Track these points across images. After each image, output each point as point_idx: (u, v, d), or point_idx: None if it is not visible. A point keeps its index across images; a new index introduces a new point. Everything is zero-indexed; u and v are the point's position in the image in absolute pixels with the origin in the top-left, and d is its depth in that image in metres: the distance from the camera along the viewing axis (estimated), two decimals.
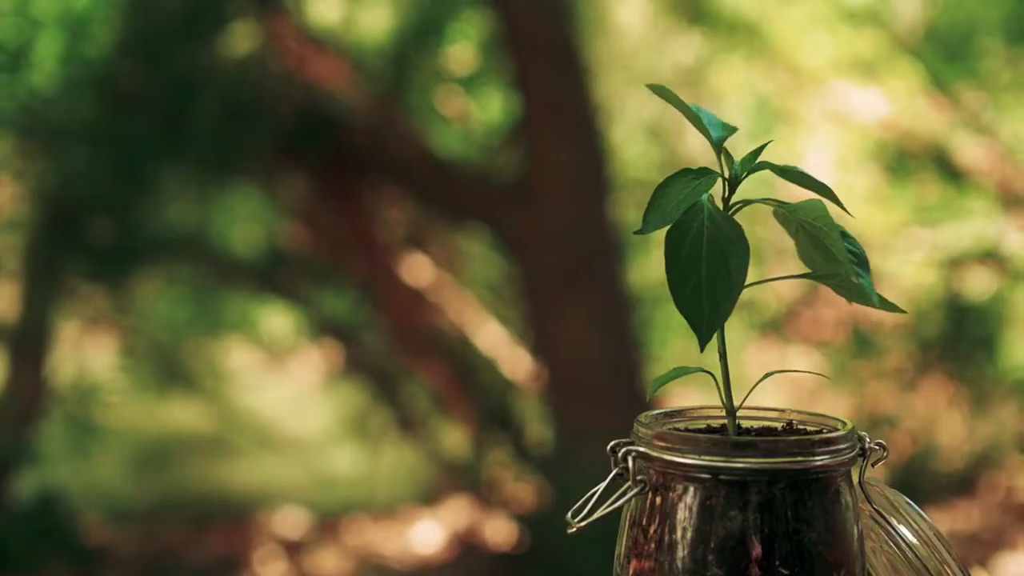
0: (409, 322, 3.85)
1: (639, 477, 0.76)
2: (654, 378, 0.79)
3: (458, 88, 3.99)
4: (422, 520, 4.00)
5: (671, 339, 4.16)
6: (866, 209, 3.88)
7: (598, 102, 3.69)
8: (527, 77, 3.61)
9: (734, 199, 0.77)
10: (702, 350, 0.78)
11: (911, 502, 0.78)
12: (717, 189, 0.77)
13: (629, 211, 3.89)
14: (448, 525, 3.95)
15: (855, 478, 0.77)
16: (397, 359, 3.91)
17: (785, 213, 0.75)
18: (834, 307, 4.11)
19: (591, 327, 3.56)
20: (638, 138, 4.31)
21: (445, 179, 3.76)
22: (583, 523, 0.76)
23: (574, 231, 3.58)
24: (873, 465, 0.77)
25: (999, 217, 3.93)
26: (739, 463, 0.74)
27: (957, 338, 3.93)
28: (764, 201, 0.77)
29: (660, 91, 0.79)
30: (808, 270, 0.79)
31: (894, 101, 4.01)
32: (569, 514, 0.77)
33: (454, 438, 3.89)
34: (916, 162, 4.00)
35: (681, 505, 0.75)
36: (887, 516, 0.77)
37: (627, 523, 0.77)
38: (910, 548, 0.76)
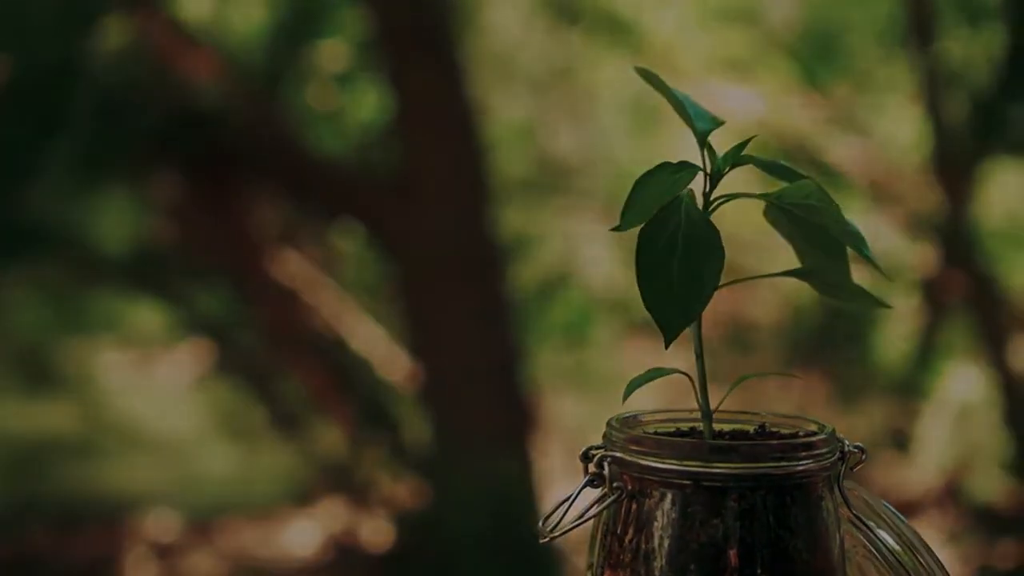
0: (283, 321, 3.80)
1: (615, 484, 0.73)
2: (630, 379, 0.76)
3: (333, 84, 3.94)
4: (297, 521, 3.95)
5: (551, 339, 4.15)
6: (740, 208, 3.90)
7: (474, 100, 3.67)
8: (402, 74, 3.58)
9: (715, 194, 0.75)
10: (667, 347, 0.76)
11: (890, 506, 0.76)
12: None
13: (506, 210, 3.87)
14: (324, 526, 3.91)
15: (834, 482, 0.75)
16: (271, 358, 3.86)
17: (777, 209, 0.73)
18: (709, 305, 4.12)
19: (469, 327, 3.54)
20: (512, 136, 4.29)
21: (320, 176, 3.72)
22: (557, 534, 0.74)
23: (452, 229, 3.55)
24: (852, 469, 0.75)
25: (872, 216, 3.97)
26: (720, 468, 0.72)
27: (831, 335, 3.96)
28: (747, 196, 0.74)
29: (646, 75, 0.76)
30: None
31: (768, 100, 4.04)
32: (540, 523, 0.74)
33: (330, 438, 3.84)
34: (789, 160, 4.02)
35: (659, 512, 0.72)
36: (866, 521, 0.75)
37: (600, 532, 0.74)
38: (891, 553, 0.74)
